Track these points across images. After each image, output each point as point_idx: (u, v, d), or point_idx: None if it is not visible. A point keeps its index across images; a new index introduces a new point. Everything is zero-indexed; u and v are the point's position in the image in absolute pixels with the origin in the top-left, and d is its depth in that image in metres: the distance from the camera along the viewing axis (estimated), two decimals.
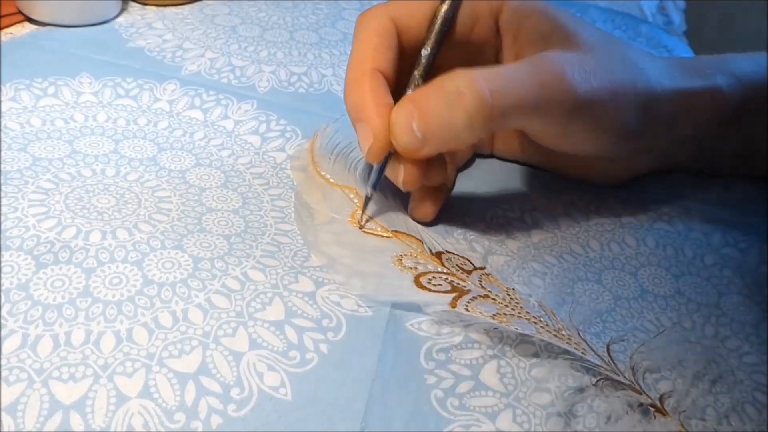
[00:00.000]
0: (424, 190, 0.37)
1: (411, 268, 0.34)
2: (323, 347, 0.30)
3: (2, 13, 0.50)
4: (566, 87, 0.34)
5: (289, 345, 0.30)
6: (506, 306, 0.31)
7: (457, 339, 0.31)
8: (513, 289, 0.33)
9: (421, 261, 0.34)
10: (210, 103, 0.45)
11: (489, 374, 0.30)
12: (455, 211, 0.38)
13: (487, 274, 0.34)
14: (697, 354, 0.32)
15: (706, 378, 0.31)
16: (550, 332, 0.31)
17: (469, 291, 0.32)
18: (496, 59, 0.40)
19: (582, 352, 0.30)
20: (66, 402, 0.26)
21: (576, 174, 0.42)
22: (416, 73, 0.36)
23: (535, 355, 0.31)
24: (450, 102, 0.32)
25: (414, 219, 0.37)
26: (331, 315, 0.31)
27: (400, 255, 0.34)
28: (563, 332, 0.31)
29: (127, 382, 0.27)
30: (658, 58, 0.41)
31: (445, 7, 0.37)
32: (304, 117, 0.44)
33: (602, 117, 0.36)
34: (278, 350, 0.30)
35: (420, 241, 0.35)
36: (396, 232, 0.36)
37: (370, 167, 0.37)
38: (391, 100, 0.35)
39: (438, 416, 0.28)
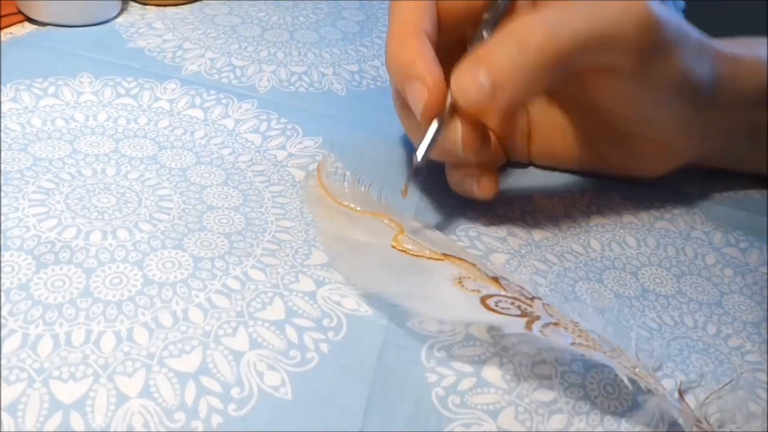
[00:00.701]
0: (478, 164, 0.36)
1: (474, 290, 0.30)
2: (324, 347, 0.30)
3: (2, 13, 0.50)
4: (652, 17, 0.32)
5: (289, 344, 0.30)
6: (579, 336, 0.29)
7: (459, 337, 0.31)
8: (576, 322, 0.30)
9: (483, 284, 0.31)
10: (210, 102, 0.44)
11: (491, 371, 0.30)
12: (457, 209, 0.38)
13: (547, 305, 0.31)
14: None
15: None
16: (628, 368, 0.28)
17: (539, 317, 0.29)
18: None
19: (662, 393, 0.28)
20: (66, 402, 0.26)
21: (619, 166, 0.41)
22: (471, 48, 0.35)
23: (538, 353, 0.31)
24: (520, 41, 0.31)
25: (478, 197, 0.36)
26: (331, 314, 0.31)
27: (460, 277, 0.31)
28: (638, 370, 0.29)
29: (127, 382, 0.27)
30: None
31: None
32: (305, 116, 0.44)
33: (677, 59, 0.34)
34: (278, 350, 0.30)
35: (473, 264, 0.32)
36: (446, 255, 0.33)
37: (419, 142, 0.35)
38: (437, 59, 0.34)
39: (439, 415, 0.28)
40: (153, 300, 0.31)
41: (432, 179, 0.40)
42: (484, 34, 0.36)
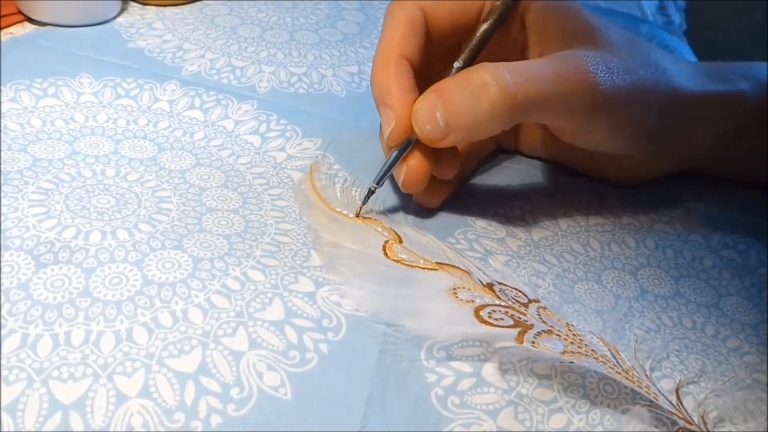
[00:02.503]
0: (432, 180, 0.37)
1: (468, 301, 0.31)
2: (323, 347, 0.30)
3: (2, 13, 0.50)
4: (588, 83, 0.34)
5: (289, 345, 0.30)
6: (571, 343, 0.30)
7: (458, 337, 0.31)
8: (572, 324, 0.31)
9: (477, 293, 0.32)
10: (210, 103, 0.45)
11: (491, 371, 0.30)
12: (455, 210, 0.38)
13: (544, 308, 0.32)
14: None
15: None
16: (620, 374, 0.29)
17: (532, 325, 0.30)
18: (522, 56, 0.40)
19: (653, 397, 0.29)
20: (65, 402, 0.26)
21: (596, 172, 0.43)
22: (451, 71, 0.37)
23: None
24: (474, 92, 0.33)
25: (419, 204, 0.38)
26: (331, 315, 0.31)
27: (454, 288, 0.32)
28: (632, 373, 0.29)
29: (126, 382, 0.27)
30: (682, 61, 0.41)
31: (485, 26, 0.37)
32: (304, 117, 0.44)
33: (623, 115, 0.36)
34: (278, 350, 0.30)
35: (467, 272, 0.33)
36: (440, 264, 0.33)
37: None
38: (415, 86, 0.36)
39: (438, 415, 0.28)
40: (152, 300, 0.31)
41: None
42: (457, 63, 0.37)
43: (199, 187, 0.38)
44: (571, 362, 0.29)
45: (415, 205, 0.38)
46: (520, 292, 0.33)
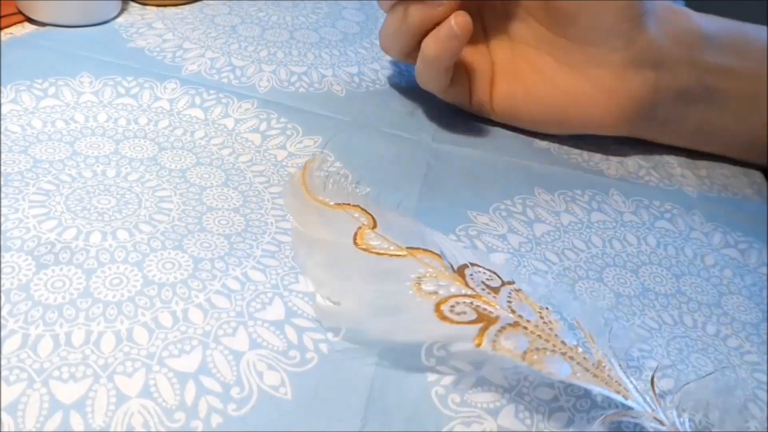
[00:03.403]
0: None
1: (431, 293, 0.29)
2: (323, 347, 0.30)
3: (2, 13, 0.50)
4: None
5: (289, 345, 0.30)
6: (539, 337, 0.27)
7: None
8: (547, 308, 0.29)
9: (443, 282, 0.29)
10: (210, 102, 0.44)
11: (491, 369, 0.30)
12: (457, 206, 0.38)
13: (518, 290, 0.30)
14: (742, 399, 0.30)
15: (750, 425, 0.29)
16: (588, 370, 0.27)
17: (497, 318, 0.28)
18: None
19: (623, 394, 0.27)
20: (66, 402, 0.26)
21: (575, 110, 0.43)
22: None
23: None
24: None
25: (453, 30, 0.39)
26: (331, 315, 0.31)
27: (419, 277, 0.30)
28: (603, 364, 0.27)
29: (127, 382, 0.27)
30: None
31: None
32: (305, 116, 0.44)
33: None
34: (278, 350, 0.30)
35: (439, 256, 0.31)
36: (411, 249, 0.31)
37: None
38: None
39: (439, 414, 0.28)
40: (153, 300, 0.31)
41: (432, 180, 0.40)
42: None
43: (200, 186, 0.38)
44: (531, 366, 0.26)
45: (414, 205, 0.38)
46: (495, 273, 0.30)
